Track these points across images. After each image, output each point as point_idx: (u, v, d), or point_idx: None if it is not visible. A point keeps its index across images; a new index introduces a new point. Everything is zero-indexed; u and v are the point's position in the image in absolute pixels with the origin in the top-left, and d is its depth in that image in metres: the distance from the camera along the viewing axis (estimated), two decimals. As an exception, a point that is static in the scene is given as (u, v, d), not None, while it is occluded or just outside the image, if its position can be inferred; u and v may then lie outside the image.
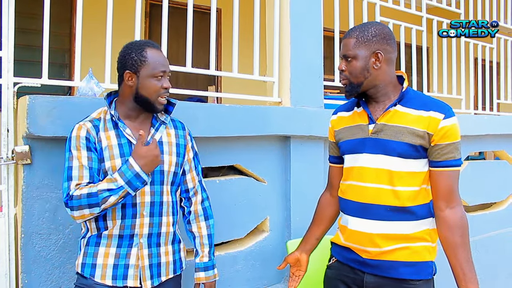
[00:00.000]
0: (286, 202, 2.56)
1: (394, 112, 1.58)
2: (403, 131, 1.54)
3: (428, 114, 1.53)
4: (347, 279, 1.67)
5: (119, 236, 1.59)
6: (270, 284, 2.50)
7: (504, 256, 3.67)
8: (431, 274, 1.60)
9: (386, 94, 1.62)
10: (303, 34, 2.63)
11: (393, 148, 1.54)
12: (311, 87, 2.63)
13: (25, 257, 1.79)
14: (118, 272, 1.58)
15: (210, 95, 2.66)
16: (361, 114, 1.67)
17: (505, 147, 3.82)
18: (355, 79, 1.59)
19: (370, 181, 1.59)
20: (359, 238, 1.62)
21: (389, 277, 1.57)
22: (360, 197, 1.62)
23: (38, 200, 1.81)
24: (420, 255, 1.56)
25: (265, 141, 2.49)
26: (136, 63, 1.60)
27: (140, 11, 2.20)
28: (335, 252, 1.76)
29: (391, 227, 1.56)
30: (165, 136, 1.72)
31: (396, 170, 1.55)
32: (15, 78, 1.84)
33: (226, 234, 2.35)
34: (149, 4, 4.84)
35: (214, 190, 2.27)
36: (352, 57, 1.58)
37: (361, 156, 1.63)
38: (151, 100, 1.62)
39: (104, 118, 1.64)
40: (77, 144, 1.55)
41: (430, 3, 3.45)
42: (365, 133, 1.62)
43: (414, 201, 1.55)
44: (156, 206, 1.65)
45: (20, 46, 2.57)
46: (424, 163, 1.56)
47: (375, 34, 1.57)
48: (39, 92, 1.80)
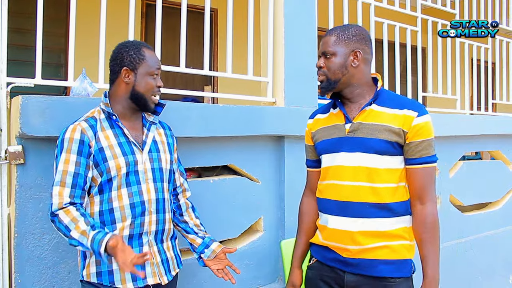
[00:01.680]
0: (280, 202, 2.56)
1: (370, 111, 1.61)
2: (379, 128, 1.57)
3: (403, 112, 1.57)
4: (328, 278, 1.68)
5: (129, 237, 1.60)
6: (265, 283, 2.51)
7: (499, 255, 3.69)
8: (410, 272, 1.62)
9: (361, 94, 1.65)
10: (297, 35, 2.64)
11: (370, 146, 1.57)
12: (305, 87, 2.64)
13: (18, 257, 1.79)
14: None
15: (205, 95, 2.66)
16: (338, 115, 1.70)
17: (501, 147, 3.84)
18: (333, 75, 1.63)
19: (348, 179, 1.61)
20: (339, 236, 1.63)
21: (369, 275, 1.58)
22: (338, 195, 1.64)
23: (32, 200, 1.81)
24: (399, 253, 1.58)
25: (259, 141, 2.50)
26: (135, 60, 1.63)
27: (133, 11, 2.20)
28: (315, 252, 1.77)
29: (371, 224, 1.58)
30: (157, 136, 1.75)
31: (374, 166, 1.58)
32: (8, 78, 1.84)
33: (220, 233, 2.35)
34: (145, 4, 4.84)
35: (208, 190, 2.29)
36: (332, 54, 1.62)
37: (338, 155, 1.65)
38: (146, 97, 1.65)
39: (99, 118, 1.64)
40: (68, 147, 1.54)
41: (425, 4, 3.46)
42: (342, 132, 1.65)
43: (392, 198, 1.58)
44: (160, 203, 1.68)
45: (14, 46, 2.57)
46: (400, 160, 1.59)
47: (355, 34, 1.63)
48: (34, 92, 1.80)
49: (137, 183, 1.62)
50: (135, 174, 1.62)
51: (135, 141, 1.65)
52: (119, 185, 1.59)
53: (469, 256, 3.46)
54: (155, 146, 1.71)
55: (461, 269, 3.39)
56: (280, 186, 2.57)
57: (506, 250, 3.75)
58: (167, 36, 2.32)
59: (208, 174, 2.45)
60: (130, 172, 1.61)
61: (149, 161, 1.67)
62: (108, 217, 1.58)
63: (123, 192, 1.60)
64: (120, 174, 1.58)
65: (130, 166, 1.61)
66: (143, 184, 1.63)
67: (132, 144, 1.64)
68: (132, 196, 1.61)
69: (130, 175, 1.61)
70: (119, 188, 1.59)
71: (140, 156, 1.65)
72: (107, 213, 1.58)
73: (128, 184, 1.61)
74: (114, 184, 1.59)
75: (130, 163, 1.61)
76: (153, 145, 1.71)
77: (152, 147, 1.70)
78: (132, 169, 1.61)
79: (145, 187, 1.64)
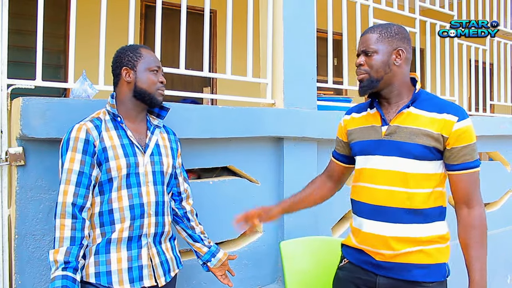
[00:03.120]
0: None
1: (408, 114, 1.57)
2: (417, 133, 1.52)
3: (442, 116, 1.52)
4: (359, 281, 1.66)
5: (128, 239, 1.61)
6: (264, 284, 2.52)
7: (497, 256, 3.69)
8: (445, 276, 1.58)
9: (400, 95, 1.61)
10: (296, 36, 2.64)
11: (408, 150, 1.53)
12: (304, 89, 2.65)
13: (19, 258, 1.80)
14: (134, 275, 1.60)
15: (204, 96, 2.66)
16: (374, 115, 1.66)
17: (499, 148, 3.85)
18: (375, 73, 1.58)
19: (383, 183, 1.58)
20: (373, 240, 1.60)
21: (402, 279, 1.56)
22: (372, 199, 1.61)
23: (32, 201, 1.82)
24: (432, 257, 1.55)
25: (258, 142, 2.51)
26: (132, 59, 1.68)
27: (133, 13, 2.21)
28: (347, 253, 1.74)
29: (405, 230, 1.55)
30: (161, 140, 1.77)
31: (411, 172, 1.54)
32: (9, 80, 1.85)
33: (219, 234, 2.36)
34: (145, 6, 4.84)
35: (207, 191, 2.29)
36: (374, 51, 1.57)
37: (373, 158, 1.62)
38: (150, 92, 1.68)
39: (104, 119, 1.65)
40: (73, 146, 1.55)
41: (423, 5, 3.47)
42: (378, 134, 1.61)
43: (427, 203, 1.55)
44: (159, 206, 1.70)
45: (14, 47, 2.57)
46: (438, 165, 1.56)
47: (398, 32, 1.59)
48: (33, 93, 1.81)
49: (137, 185, 1.63)
50: (136, 176, 1.63)
51: (138, 144, 1.67)
52: (119, 186, 1.60)
53: (467, 256, 3.46)
54: (157, 149, 1.73)
55: (460, 269, 3.39)
56: (279, 187, 2.58)
57: (504, 251, 3.76)
58: (166, 37, 2.33)
59: (208, 175, 2.45)
60: (130, 174, 1.62)
61: (151, 164, 1.68)
62: (107, 218, 1.59)
63: (123, 194, 1.60)
64: (120, 175, 1.59)
65: (131, 167, 1.62)
66: (143, 187, 1.65)
67: (135, 146, 1.65)
68: (132, 198, 1.62)
69: (131, 176, 1.62)
70: (119, 189, 1.60)
71: (141, 159, 1.66)
72: (106, 214, 1.59)
73: (129, 185, 1.62)
74: (114, 185, 1.60)
75: (131, 165, 1.62)
76: (155, 149, 1.72)
77: (155, 150, 1.72)
78: (133, 171, 1.63)
79: (145, 189, 1.65)
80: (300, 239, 2.36)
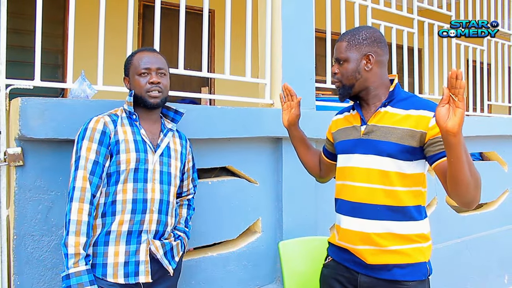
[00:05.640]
0: (278, 203, 2.57)
1: (384, 113, 1.61)
2: (392, 131, 1.56)
3: (418, 113, 1.54)
4: (342, 278, 1.69)
5: (128, 233, 1.63)
6: (263, 284, 2.52)
7: (495, 256, 3.71)
8: (426, 275, 1.60)
9: (377, 96, 1.66)
10: (295, 37, 2.65)
11: (382, 149, 1.57)
12: (303, 89, 2.65)
13: (18, 259, 1.80)
14: (129, 270, 1.61)
15: (203, 96, 2.66)
16: (355, 116, 1.72)
17: (496, 148, 3.86)
18: (347, 81, 1.64)
19: (362, 180, 1.62)
20: (351, 236, 1.64)
21: (382, 278, 1.58)
22: (352, 196, 1.65)
23: (31, 202, 1.82)
24: (412, 257, 1.57)
25: (257, 142, 2.51)
26: (126, 67, 1.77)
27: (132, 12, 2.21)
28: (331, 251, 1.79)
29: (382, 226, 1.57)
30: (172, 143, 1.81)
31: (388, 170, 1.57)
32: (7, 80, 1.84)
33: (218, 235, 2.36)
34: (143, 5, 4.84)
35: (206, 191, 2.29)
36: (344, 60, 1.63)
37: (353, 156, 1.67)
38: (141, 96, 1.72)
39: (120, 116, 1.72)
40: (91, 135, 1.61)
41: (421, 6, 3.48)
42: (358, 133, 1.67)
43: (405, 201, 1.57)
44: (164, 204, 1.72)
45: (12, 47, 2.57)
46: (414, 165, 1.57)
47: (366, 38, 1.62)
48: (31, 93, 1.80)
49: (144, 180, 1.67)
50: (144, 172, 1.67)
51: (150, 142, 1.71)
52: (125, 179, 1.64)
53: (465, 256, 3.48)
54: (168, 151, 1.77)
55: (457, 269, 3.41)
56: (278, 187, 2.58)
57: (502, 250, 3.78)
58: (164, 37, 2.33)
59: (207, 175, 2.45)
60: (139, 169, 1.66)
61: (159, 164, 1.72)
62: (109, 209, 1.62)
63: (128, 187, 1.64)
64: (128, 168, 1.63)
65: (140, 162, 1.66)
66: (149, 183, 1.68)
67: (146, 144, 1.70)
68: (136, 192, 1.65)
69: (139, 171, 1.66)
70: (126, 182, 1.64)
71: (151, 157, 1.70)
72: (109, 205, 1.62)
73: (135, 180, 1.65)
74: (121, 178, 1.63)
75: (140, 160, 1.66)
76: (166, 150, 1.76)
77: (165, 151, 1.76)
78: (142, 166, 1.66)
79: (150, 186, 1.68)
80: (299, 240, 2.36)
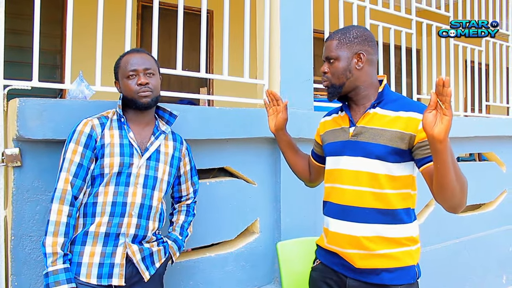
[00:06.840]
0: (276, 203, 2.58)
1: (373, 114, 1.59)
2: (381, 133, 1.54)
3: (407, 114, 1.52)
4: (330, 281, 1.68)
5: (105, 235, 1.63)
6: (261, 285, 2.52)
7: (493, 256, 3.72)
8: (414, 278, 1.58)
9: (366, 96, 1.63)
10: (293, 38, 2.65)
11: (371, 151, 1.55)
12: (301, 90, 2.65)
13: (15, 259, 1.79)
14: (103, 271, 1.61)
15: (201, 97, 2.66)
16: (344, 118, 1.70)
17: (494, 149, 3.87)
18: (337, 80, 1.62)
19: (350, 183, 1.60)
20: (339, 240, 1.62)
21: (371, 282, 1.57)
22: (341, 199, 1.63)
23: (28, 203, 1.81)
24: (401, 260, 1.56)
25: (255, 143, 2.51)
26: (115, 71, 1.78)
27: (131, 13, 2.21)
28: (320, 254, 1.77)
29: (371, 229, 1.55)
30: (163, 146, 1.79)
31: (377, 172, 1.55)
32: (5, 81, 1.84)
33: (216, 235, 2.37)
34: (141, 6, 4.83)
35: (204, 192, 2.29)
36: (335, 58, 1.61)
37: (341, 159, 1.64)
38: (131, 98, 1.72)
39: (111, 118, 1.72)
40: (77, 138, 1.63)
41: (419, 6, 3.48)
42: (346, 135, 1.64)
43: (394, 204, 1.55)
44: (144, 209, 1.70)
45: (10, 47, 2.56)
46: (402, 167, 1.55)
47: (357, 36, 1.60)
48: (29, 94, 1.80)
49: (125, 184, 1.66)
50: (127, 175, 1.67)
51: (137, 146, 1.70)
52: (108, 181, 1.65)
53: (463, 256, 3.48)
54: (156, 155, 1.76)
55: (456, 269, 3.42)
56: (276, 188, 2.58)
57: (500, 251, 3.78)
58: (162, 38, 2.33)
59: (205, 176, 2.45)
60: (122, 173, 1.66)
61: (145, 168, 1.71)
62: (90, 210, 1.63)
63: (109, 189, 1.64)
64: (111, 172, 1.64)
65: (124, 167, 1.66)
66: (131, 187, 1.67)
67: (133, 147, 1.69)
68: (117, 195, 1.65)
69: (122, 175, 1.66)
70: (107, 185, 1.65)
71: (137, 160, 1.69)
72: (90, 206, 1.64)
73: (117, 183, 1.65)
74: (104, 180, 1.64)
75: (124, 164, 1.65)
76: (154, 154, 1.75)
77: (153, 155, 1.74)
78: (125, 170, 1.66)
79: (132, 189, 1.67)
80: (297, 240, 2.36)
